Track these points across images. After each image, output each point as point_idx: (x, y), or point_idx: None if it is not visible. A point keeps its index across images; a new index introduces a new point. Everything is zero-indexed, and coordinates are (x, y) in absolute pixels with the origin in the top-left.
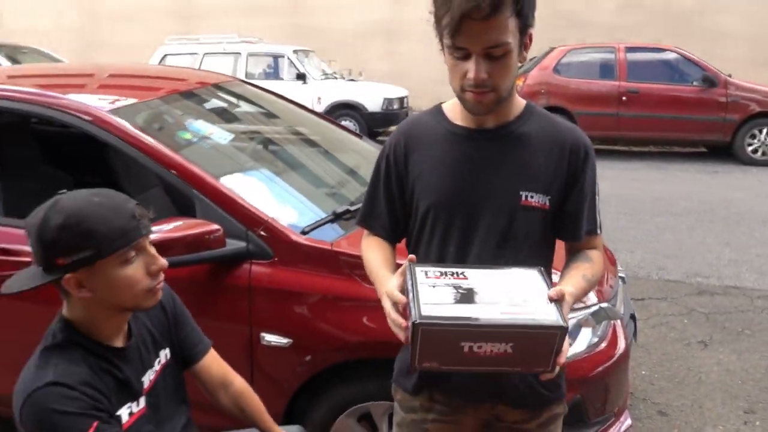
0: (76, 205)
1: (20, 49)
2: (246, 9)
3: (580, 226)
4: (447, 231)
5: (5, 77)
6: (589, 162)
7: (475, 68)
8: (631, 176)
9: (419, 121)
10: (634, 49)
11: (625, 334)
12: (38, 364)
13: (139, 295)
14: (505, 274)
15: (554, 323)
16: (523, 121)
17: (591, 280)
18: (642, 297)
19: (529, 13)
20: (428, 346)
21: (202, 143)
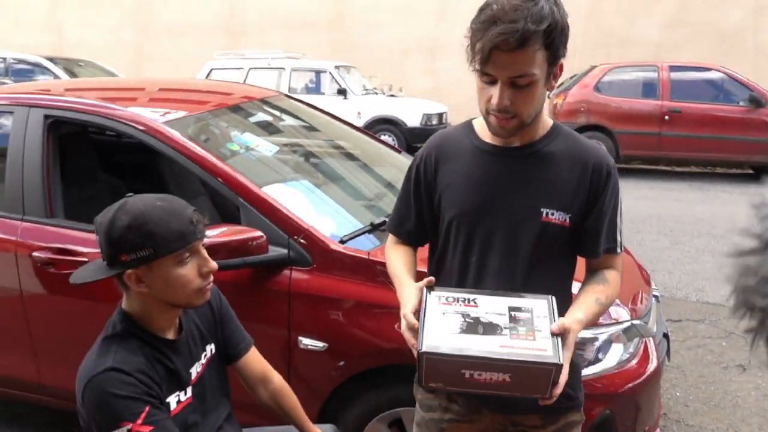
0: (141, 207)
1: (77, 62)
2: (291, 25)
3: (598, 244)
4: (469, 242)
5: (63, 90)
6: (611, 182)
7: (498, 95)
8: (672, 196)
9: (450, 135)
10: (678, 68)
11: (657, 353)
12: (99, 351)
13: (191, 294)
14: (515, 301)
15: (549, 360)
16: (548, 141)
17: (604, 303)
18: (679, 318)
19: (559, 46)
20: (432, 371)
21: (248, 154)
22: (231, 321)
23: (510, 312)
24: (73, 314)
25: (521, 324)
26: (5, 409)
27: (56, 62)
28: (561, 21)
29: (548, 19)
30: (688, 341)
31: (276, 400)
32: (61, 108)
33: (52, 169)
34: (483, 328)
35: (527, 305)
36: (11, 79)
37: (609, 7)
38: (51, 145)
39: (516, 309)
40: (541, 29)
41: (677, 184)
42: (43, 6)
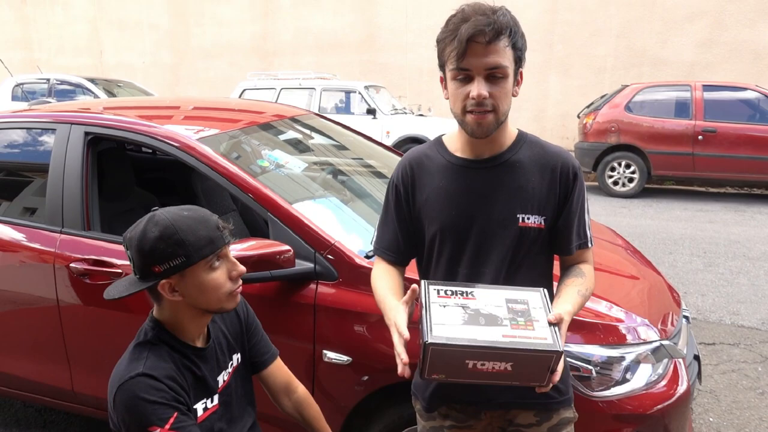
0: (169, 218)
1: (116, 83)
2: (322, 47)
3: (571, 241)
4: (453, 254)
5: (102, 108)
6: (578, 182)
7: (477, 87)
8: (706, 218)
9: (422, 152)
10: (712, 88)
11: (687, 375)
12: (131, 357)
13: (222, 298)
14: (511, 294)
15: (550, 348)
16: (516, 149)
17: (585, 294)
18: (713, 342)
19: (522, 49)
20: (436, 362)
21: (278, 171)
22: (257, 331)
23: (507, 304)
24: (106, 324)
25: (519, 315)
26: (38, 416)
27: (96, 83)
28: (520, 29)
29: (510, 23)
30: (722, 365)
31: (299, 410)
32: (100, 125)
33: (91, 183)
34: (484, 319)
35: (522, 297)
36: (55, 98)
37: (641, 27)
38: (90, 160)
39: (513, 301)
40: (509, 28)
41: (711, 205)
42: (85, 30)
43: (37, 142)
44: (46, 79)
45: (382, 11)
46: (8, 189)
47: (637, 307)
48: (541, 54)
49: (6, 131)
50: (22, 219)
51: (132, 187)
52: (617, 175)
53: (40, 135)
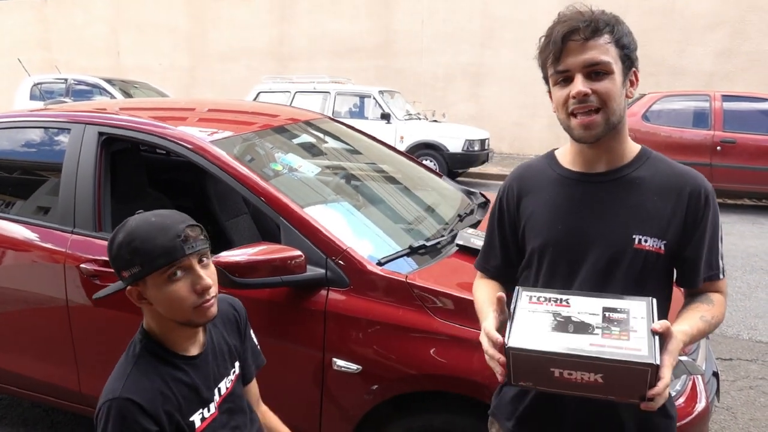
0: (135, 224)
1: (133, 84)
2: (338, 51)
3: (698, 274)
4: (553, 273)
5: (118, 109)
6: (710, 207)
7: (576, 84)
8: (724, 230)
9: (531, 165)
10: (731, 98)
11: (706, 392)
12: (117, 372)
13: (187, 312)
14: (611, 302)
15: (644, 359)
16: (637, 166)
17: (710, 322)
18: (730, 357)
19: (630, 47)
20: (520, 368)
21: (291, 175)
22: (248, 341)
23: (604, 312)
24: (114, 326)
25: (615, 324)
26: (45, 417)
27: (114, 84)
28: (628, 30)
29: (613, 21)
30: (739, 381)
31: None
32: (114, 125)
33: (103, 184)
34: (573, 326)
35: (624, 306)
36: (72, 98)
37: (659, 36)
38: (103, 161)
39: (611, 310)
40: (609, 25)
41: (728, 216)
42: (103, 31)
43: (52, 141)
44: (64, 79)
45: (399, 17)
46: (22, 187)
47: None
48: None
49: (22, 130)
50: (35, 218)
51: (145, 189)
52: None
53: (54, 135)
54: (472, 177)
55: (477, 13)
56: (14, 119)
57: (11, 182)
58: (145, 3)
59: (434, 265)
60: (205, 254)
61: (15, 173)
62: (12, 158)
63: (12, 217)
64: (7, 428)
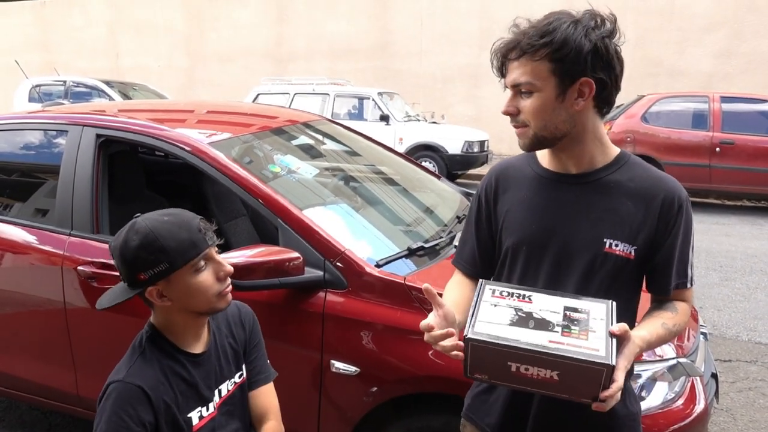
0: (149, 225)
1: (132, 85)
2: (337, 53)
3: (668, 281)
4: (526, 270)
5: (117, 111)
6: (683, 215)
7: (505, 102)
8: (723, 231)
9: (511, 163)
10: (730, 99)
11: (705, 393)
12: (123, 362)
13: (212, 299)
14: (573, 302)
15: (601, 359)
16: (613, 169)
17: (671, 330)
18: (729, 358)
19: (571, 60)
20: (478, 360)
21: (289, 176)
22: (258, 348)
23: (565, 311)
24: (112, 329)
25: (575, 323)
26: (43, 419)
27: (112, 85)
28: (574, 39)
29: (555, 35)
30: (738, 383)
31: None
32: (112, 127)
33: (101, 186)
34: (534, 323)
35: (585, 307)
36: (71, 100)
37: (657, 37)
38: (101, 163)
39: (572, 309)
40: (540, 42)
41: (728, 218)
42: (102, 33)
43: (50, 143)
44: (63, 81)
45: (397, 18)
46: (20, 190)
47: None
48: None
49: (19, 132)
50: (33, 220)
51: (142, 191)
52: None
53: (52, 136)
54: (472, 179)
55: (475, 14)
56: (12, 121)
57: (9, 184)
58: (144, 4)
59: (433, 266)
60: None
61: (12, 175)
62: (9, 160)
63: (10, 219)
64: (5, 430)
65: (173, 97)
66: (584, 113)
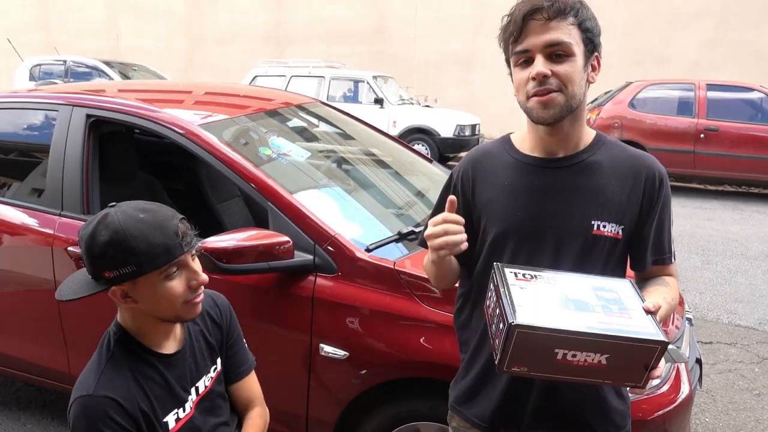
0: (121, 221)
1: (131, 66)
2: (333, 37)
3: (654, 254)
4: (515, 260)
5: (116, 91)
6: (664, 190)
7: (537, 65)
8: (705, 215)
9: (487, 150)
10: (715, 87)
11: (689, 379)
12: (90, 367)
13: (179, 308)
14: (597, 282)
15: (655, 337)
16: (594, 150)
17: (672, 304)
18: (710, 341)
19: (593, 31)
20: (521, 350)
21: (281, 159)
22: (237, 341)
23: (595, 291)
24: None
25: (612, 303)
26: (39, 396)
27: (112, 66)
28: (592, 14)
29: (577, 5)
30: (718, 365)
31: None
32: (102, 108)
33: (91, 167)
34: (573, 304)
35: (610, 286)
36: (70, 79)
37: (645, 25)
38: (91, 143)
39: (600, 288)
40: (573, 7)
41: (710, 202)
42: (102, 14)
43: (40, 123)
44: (63, 61)
45: (393, 3)
46: (10, 169)
47: None
48: None
49: (10, 111)
50: (24, 200)
51: (135, 172)
52: None
53: (43, 116)
54: None
55: (470, 1)
56: (2, 100)
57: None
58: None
59: (423, 251)
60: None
61: (3, 155)
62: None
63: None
64: (0, 407)
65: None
66: (587, 90)
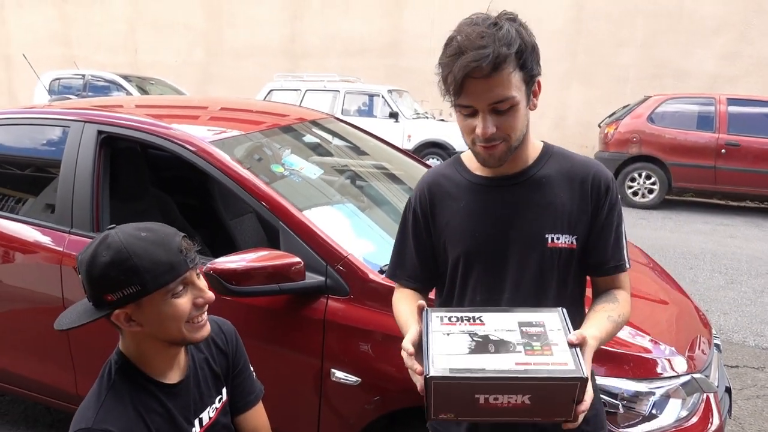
0: (123, 241)
1: (149, 80)
2: (349, 51)
3: (605, 261)
4: (476, 280)
5: (134, 106)
6: (611, 195)
7: (482, 124)
8: (728, 232)
9: (440, 173)
10: (737, 101)
11: (719, 410)
12: (90, 398)
13: (184, 328)
14: (524, 317)
15: (572, 374)
16: (542, 164)
17: (617, 321)
18: (736, 364)
19: (533, 65)
20: (442, 399)
21: (293, 177)
22: (244, 369)
23: (521, 327)
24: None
25: (535, 339)
26: (47, 415)
27: (130, 80)
28: (529, 41)
29: (517, 41)
30: (746, 390)
31: None
32: (113, 124)
33: (102, 184)
34: (494, 346)
35: (538, 319)
36: (89, 93)
37: (664, 38)
38: (102, 160)
39: (526, 324)
40: (512, 52)
41: (732, 219)
42: (122, 28)
43: (51, 139)
44: (82, 75)
45: (408, 17)
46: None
47: (667, 336)
48: (564, 62)
49: (22, 127)
50: (33, 217)
51: (147, 188)
52: (637, 185)
53: (54, 132)
54: None
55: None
56: (14, 116)
57: (9, 180)
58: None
59: None
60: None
61: (13, 170)
62: (10, 155)
63: (10, 216)
64: (8, 425)
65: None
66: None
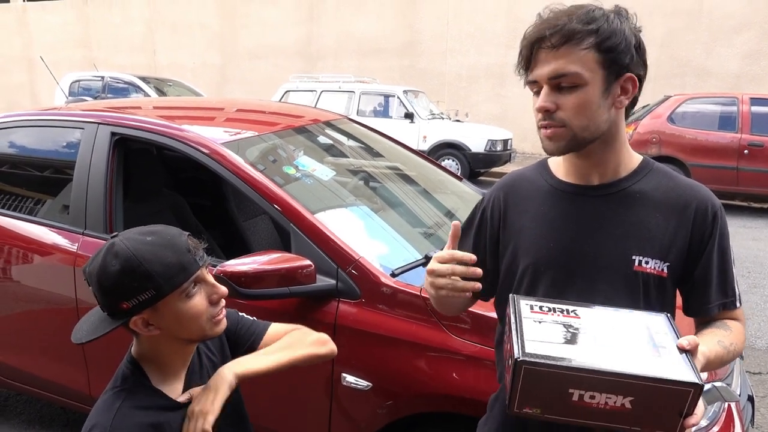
0: (131, 247)
1: (166, 82)
2: (364, 51)
3: (709, 300)
4: (546, 294)
5: (152, 108)
6: (718, 225)
7: (540, 97)
8: (750, 235)
9: (522, 175)
10: (760, 101)
11: (741, 419)
12: (105, 405)
13: (205, 326)
14: (625, 316)
15: (687, 379)
16: (638, 178)
17: (729, 349)
18: (758, 371)
19: (618, 50)
20: (531, 389)
21: (306, 179)
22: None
23: (622, 324)
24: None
25: (639, 338)
26: (62, 414)
27: (148, 81)
28: (621, 30)
29: (600, 22)
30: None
31: None
32: (126, 126)
33: (115, 186)
34: (593, 339)
35: (641, 319)
36: (108, 95)
37: (685, 37)
38: (116, 162)
39: (628, 322)
40: (587, 28)
41: (755, 221)
42: (140, 30)
43: (66, 140)
44: (101, 77)
45: (424, 17)
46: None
47: None
48: None
49: (36, 129)
50: (47, 218)
51: (160, 189)
52: None
53: (69, 134)
54: (495, 177)
55: (502, 13)
56: (30, 117)
57: (24, 181)
58: (180, 3)
59: None
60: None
61: (28, 172)
62: (25, 156)
63: (25, 217)
64: (24, 425)
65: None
66: (620, 114)
